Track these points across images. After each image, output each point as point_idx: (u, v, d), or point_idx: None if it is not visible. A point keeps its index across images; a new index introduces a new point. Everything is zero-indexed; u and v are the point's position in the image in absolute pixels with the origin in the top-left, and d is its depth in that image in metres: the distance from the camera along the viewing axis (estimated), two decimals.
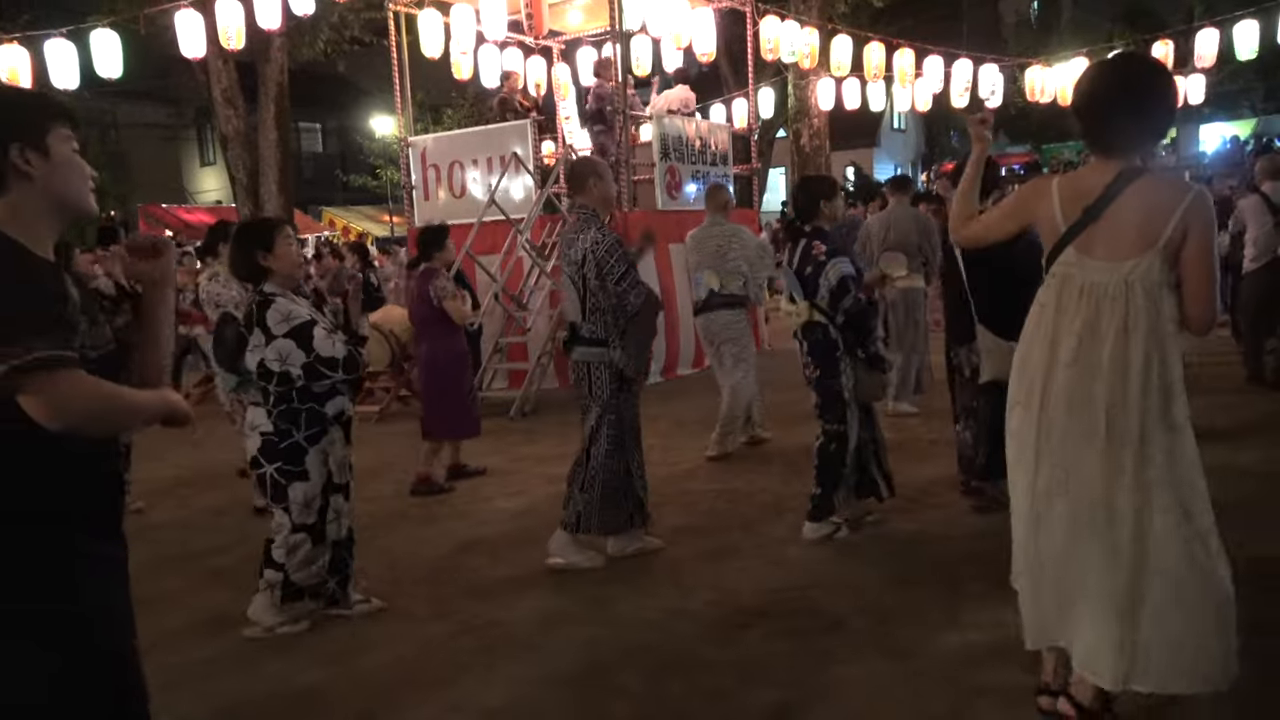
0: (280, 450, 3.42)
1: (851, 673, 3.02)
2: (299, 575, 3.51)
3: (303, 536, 3.47)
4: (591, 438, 4.01)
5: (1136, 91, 2.41)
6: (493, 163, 9.32)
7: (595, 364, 3.96)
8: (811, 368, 4.28)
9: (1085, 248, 2.42)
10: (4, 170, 1.61)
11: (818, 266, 4.18)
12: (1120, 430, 2.35)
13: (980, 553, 3.94)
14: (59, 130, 1.68)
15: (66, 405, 1.52)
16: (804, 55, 11.75)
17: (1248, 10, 11.49)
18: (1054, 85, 13.40)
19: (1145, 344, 2.34)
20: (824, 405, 4.25)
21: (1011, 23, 29.13)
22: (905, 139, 32.73)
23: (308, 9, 9.61)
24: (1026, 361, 2.56)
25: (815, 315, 4.21)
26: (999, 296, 4.21)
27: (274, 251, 3.42)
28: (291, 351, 3.29)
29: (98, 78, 9.94)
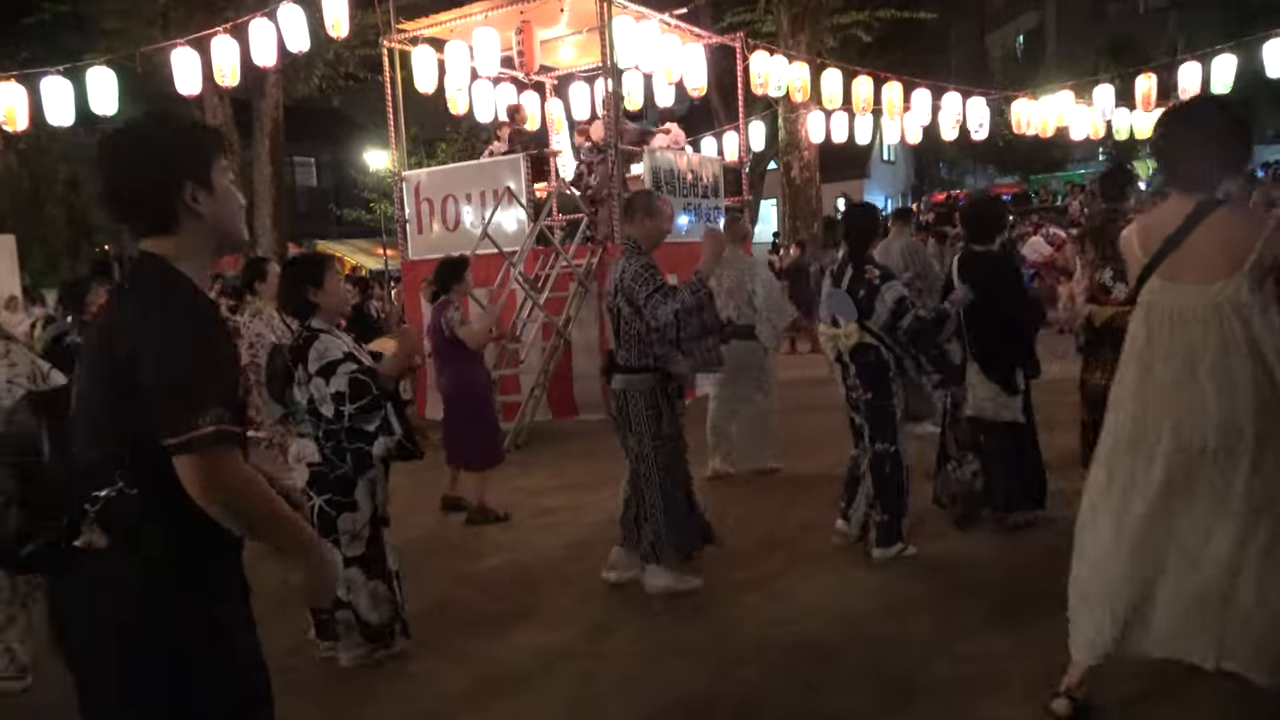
0: (330, 481, 3.44)
1: (848, 704, 3.01)
2: (371, 615, 3.50)
3: (356, 571, 3.47)
4: (639, 465, 3.99)
5: (1208, 131, 2.60)
6: (486, 196, 9.38)
7: (632, 392, 3.95)
8: (862, 390, 4.29)
9: (1171, 274, 2.58)
10: (176, 209, 1.59)
11: (872, 289, 4.21)
12: (1229, 443, 2.47)
13: (973, 584, 3.95)
14: (220, 163, 1.66)
15: (226, 485, 1.49)
16: (794, 89, 11.90)
17: (1228, 44, 11.69)
18: (1040, 117, 13.57)
19: (1250, 362, 2.47)
20: (876, 427, 4.28)
21: (998, 57, 29.60)
22: (895, 170, 33.06)
23: (303, 46, 9.72)
24: (1123, 388, 2.69)
25: (866, 337, 4.23)
26: (988, 335, 4.39)
27: (323, 287, 3.50)
28: (322, 387, 3.33)
29: (93, 115, 10.01)
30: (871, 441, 4.30)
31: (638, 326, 3.90)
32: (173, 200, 1.60)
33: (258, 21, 9.53)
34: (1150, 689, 2.90)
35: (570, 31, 10.24)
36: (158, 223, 1.61)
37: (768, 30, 14.66)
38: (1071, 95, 13.50)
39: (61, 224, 21.56)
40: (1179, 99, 12.45)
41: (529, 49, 9.86)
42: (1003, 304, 4.40)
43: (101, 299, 6.68)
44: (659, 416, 3.94)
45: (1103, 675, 2.79)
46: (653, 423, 3.94)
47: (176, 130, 1.66)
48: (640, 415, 3.95)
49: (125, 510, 1.51)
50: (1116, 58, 21.19)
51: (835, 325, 4.36)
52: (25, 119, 9.93)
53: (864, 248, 4.42)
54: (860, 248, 4.41)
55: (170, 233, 1.60)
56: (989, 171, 29.64)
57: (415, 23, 9.98)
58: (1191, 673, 2.65)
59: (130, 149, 1.64)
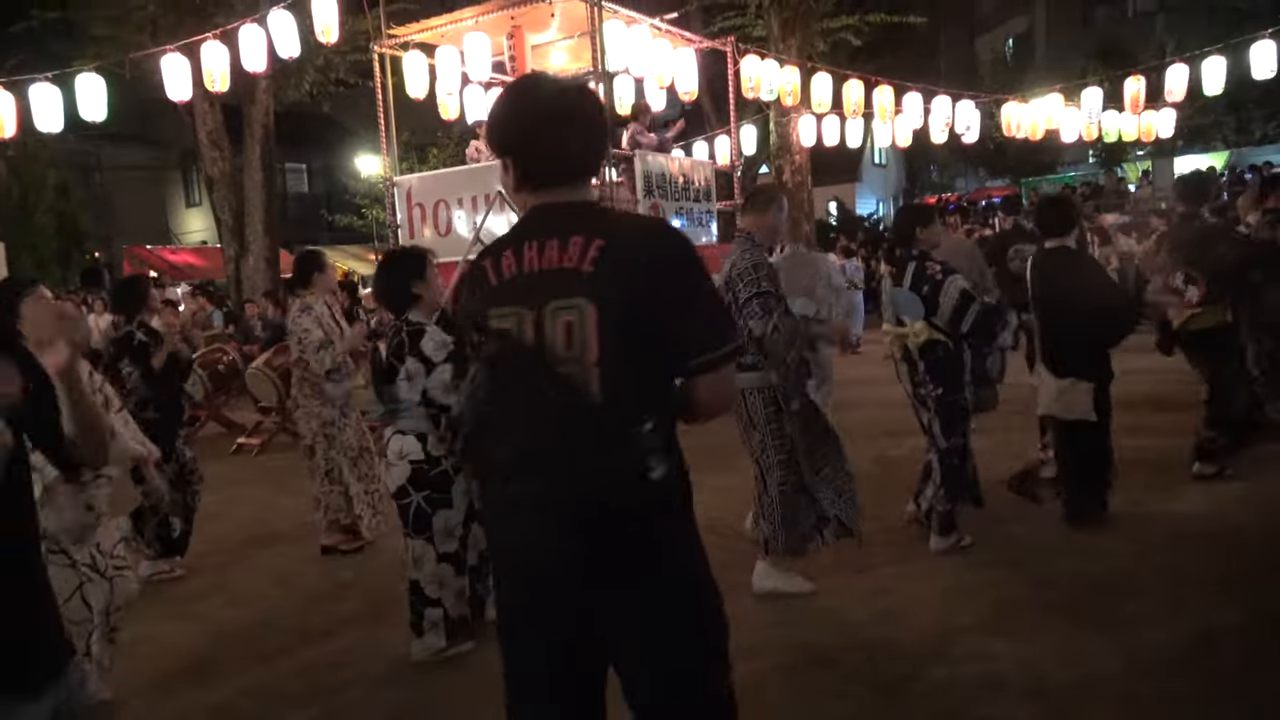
0: (430, 478, 3.47)
1: (844, 709, 3.00)
2: (455, 610, 3.56)
3: (447, 567, 3.52)
4: (761, 463, 3.98)
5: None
6: (477, 201, 9.37)
7: (749, 389, 3.88)
8: (932, 386, 4.35)
9: None
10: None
11: (935, 284, 4.25)
12: None
13: (966, 586, 3.95)
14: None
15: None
16: (785, 93, 11.93)
17: (1216, 47, 11.75)
18: (1029, 120, 13.62)
19: None
20: (947, 422, 4.35)
21: (988, 60, 29.69)
22: (886, 174, 33.15)
23: (293, 52, 9.69)
24: None
25: (934, 334, 4.27)
26: (1062, 335, 4.57)
27: (425, 279, 3.55)
28: (449, 375, 3.34)
29: (82, 121, 9.96)
30: (944, 436, 4.36)
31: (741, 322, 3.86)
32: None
33: (247, 27, 9.50)
34: None
35: (561, 36, 10.24)
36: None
37: (758, 35, 14.69)
38: (1061, 98, 13.54)
39: (51, 232, 21.49)
40: (1165, 101, 12.53)
41: (520, 54, 9.85)
42: (1080, 302, 4.39)
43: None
44: (780, 414, 3.88)
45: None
46: (774, 420, 3.87)
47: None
48: (759, 413, 3.89)
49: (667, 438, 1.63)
50: (1105, 61, 21.25)
51: (900, 324, 4.40)
52: (14, 126, 9.86)
53: (907, 245, 4.47)
54: (905, 246, 4.47)
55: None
56: (980, 174, 29.74)
57: (406, 28, 9.96)
58: None
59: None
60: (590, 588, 1.63)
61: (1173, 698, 2.89)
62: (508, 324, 1.64)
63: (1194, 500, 4.88)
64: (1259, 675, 3.00)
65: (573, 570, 1.61)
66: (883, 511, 5.06)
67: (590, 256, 1.59)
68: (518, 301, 1.64)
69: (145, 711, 3.39)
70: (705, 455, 6.27)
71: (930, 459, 4.51)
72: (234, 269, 14.55)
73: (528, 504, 1.60)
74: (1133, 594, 3.72)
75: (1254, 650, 3.17)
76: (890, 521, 4.89)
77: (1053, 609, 3.64)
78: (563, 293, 1.60)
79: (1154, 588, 3.77)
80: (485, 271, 1.71)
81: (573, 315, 1.58)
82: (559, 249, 1.62)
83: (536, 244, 1.65)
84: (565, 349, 1.59)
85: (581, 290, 1.58)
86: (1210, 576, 3.78)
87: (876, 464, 6.15)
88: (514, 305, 1.64)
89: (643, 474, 1.57)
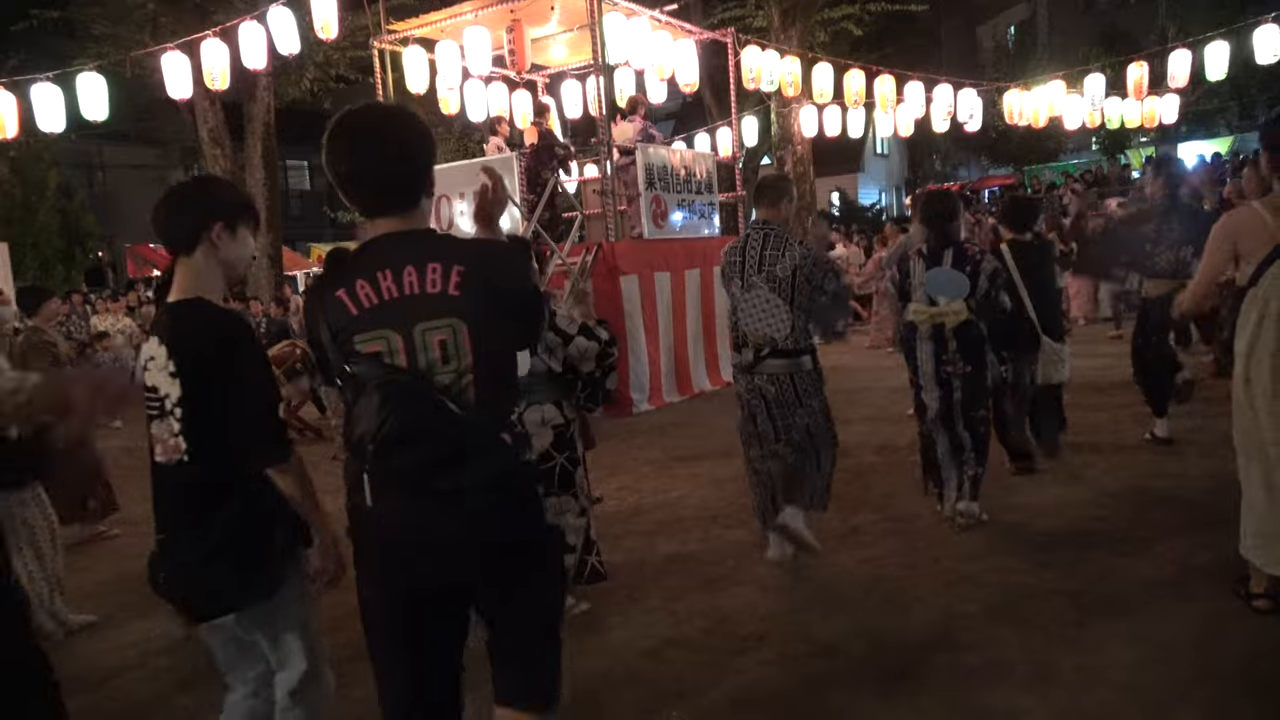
0: (568, 440, 3.72)
1: (848, 698, 3.01)
2: (595, 559, 3.83)
3: (582, 519, 3.79)
4: (813, 431, 4.15)
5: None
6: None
7: (800, 373, 4.14)
8: (963, 364, 4.52)
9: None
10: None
11: (975, 264, 4.48)
12: None
13: (971, 573, 3.95)
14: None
15: None
16: (786, 84, 11.90)
17: (1219, 32, 11.70)
18: (1032, 108, 13.59)
19: None
20: (973, 396, 4.56)
21: (989, 48, 29.56)
22: (888, 163, 33.07)
23: (293, 49, 9.70)
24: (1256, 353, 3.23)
25: (967, 313, 4.49)
26: (1049, 308, 5.37)
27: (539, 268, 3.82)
28: (587, 346, 3.58)
29: (84, 120, 9.99)
30: (969, 410, 4.56)
31: (809, 304, 4.10)
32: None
33: (247, 25, 9.51)
34: None
35: (561, 29, 10.23)
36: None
37: (759, 25, 14.66)
38: (1063, 85, 13.51)
39: (55, 231, 21.50)
40: (1168, 87, 12.49)
41: (520, 48, 9.85)
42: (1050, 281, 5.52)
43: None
44: (823, 385, 4.25)
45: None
46: (821, 391, 4.22)
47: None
48: (809, 390, 4.15)
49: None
50: (1108, 47, 21.19)
51: (932, 304, 4.52)
52: (15, 126, 9.90)
53: (948, 228, 4.63)
54: (945, 229, 4.62)
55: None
56: (982, 163, 29.66)
57: (405, 23, 9.97)
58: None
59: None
60: (475, 566, 1.89)
61: (1181, 685, 2.90)
62: (377, 346, 1.79)
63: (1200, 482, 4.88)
64: (1268, 662, 3.01)
65: (459, 552, 1.86)
66: (886, 501, 5.07)
67: (454, 281, 1.78)
68: (384, 325, 1.79)
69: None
70: (705, 449, 6.25)
71: (938, 441, 4.62)
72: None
73: (413, 488, 1.81)
74: (1140, 580, 3.73)
75: (1262, 636, 3.18)
76: (894, 511, 4.91)
77: (1059, 596, 3.64)
78: (431, 315, 1.78)
79: (1162, 574, 3.77)
80: (342, 301, 1.81)
81: (445, 334, 1.78)
82: (418, 276, 1.79)
83: (391, 272, 1.80)
84: (442, 364, 1.79)
85: (452, 311, 1.78)
86: (1221, 561, 3.78)
87: (879, 454, 6.15)
88: (380, 329, 1.79)
89: (518, 459, 1.95)
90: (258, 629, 2.21)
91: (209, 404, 2.06)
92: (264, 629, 2.21)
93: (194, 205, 2.20)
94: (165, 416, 2.11)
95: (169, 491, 2.17)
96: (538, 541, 1.96)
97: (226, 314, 2.19)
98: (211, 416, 2.06)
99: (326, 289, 1.83)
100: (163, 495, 2.19)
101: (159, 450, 2.14)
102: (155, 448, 2.16)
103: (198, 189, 2.36)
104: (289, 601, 2.21)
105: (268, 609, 2.18)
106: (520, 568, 1.90)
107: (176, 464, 2.10)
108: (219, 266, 2.19)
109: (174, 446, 2.10)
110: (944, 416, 4.56)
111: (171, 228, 2.20)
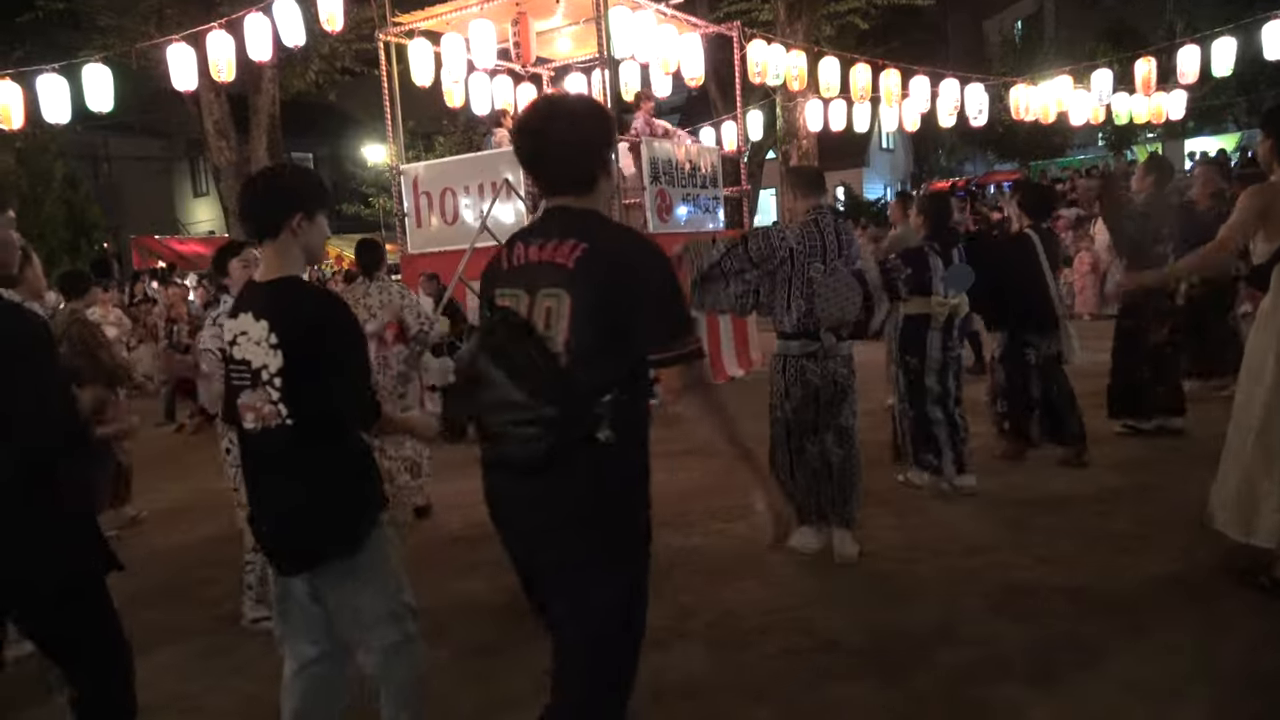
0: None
1: (850, 692, 3.02)
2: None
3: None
4: (848, 433, 4.22)
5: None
6: (484, 189, 9.37)
7: (848, 355, 4.22)
8: (959, 347, 5.14)
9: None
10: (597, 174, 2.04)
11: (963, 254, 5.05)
12: None
13: (973, 569, 3.96)
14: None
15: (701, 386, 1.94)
16: (791, 78, 11.87)
17: (1227, 27, 11.64)
18: (1039, 103, 13.52)
19: None
20: (958, 376, 5.10)
21: (996, 43, 29.44)
22: (894, 158, 32.97)
23: (298, 41, 9.69)
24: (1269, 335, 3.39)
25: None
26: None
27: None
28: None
29: (90, 112, 9.99)
30: (957, 388, 5.05)
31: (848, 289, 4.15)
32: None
33: (253, 16, 9.50)
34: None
35: (567, 22, 10.20)
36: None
37: (764, 19, 14.60)
38: (1070, 80, 13.44)
39: (60, 222, 21.53)
40: (1176, 83, 12.43)
41: (525, 40, 9.82)
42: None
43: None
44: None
45: None
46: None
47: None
48: (850, 382, 4.22)
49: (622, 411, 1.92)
50: (1115, 42, 21.07)
51: (945, 296, 4.94)
52: (21, 117, 9.90)
53: (952, 225, 5.27)
54: (950, 226, 5.20)
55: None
56: (988, 158, 29.55)
57: (411, 16, 9.95)
58: None
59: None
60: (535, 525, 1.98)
61: (1183, 682, 2.90)
62: (508, 301, 2.00)
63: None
64: (1271, 659, 3.01)
65: (524, 508, 1.99)
66: (888, 495, 5.08)
67: (575, 256, 1.92)
68: (518, 284, 2.00)
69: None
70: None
71: (935, 421, 4.99)
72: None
73: (502, 445, 1.95)
74: (1142, 577, 3.73)
75: (1264, 633, 3.18)
76: (895, 504, 4.91)
77: (1061, 592, 3.65)
78: (550, 282, 1.94)
79: (1164, 571, 3.77)
80: (501, 258, 2.08)
81: (552, 302, 1.93)
82: (553, 247, 1.96)
83: (539, 241, 2.00)
84: (545, 329, 1.93)
85: (563, 283, 1.92)
86: (1223, 558, 3.78)
87: (880, 449, 6.14)
88: (515, 287, 2.00)
89: (590, 435, 1.88)
90: (341, 584, 2.33)
91: (310, 373, 2.23)
92: (345, 585, 2.33)
93: (276, 197, 2.33)
94: (260, 386, 2.26)
95: (263, 455, 2.31)
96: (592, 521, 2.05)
97: (324, 291, 2.45)
98: (312, 384, 2.24)
99: (499, 249, 2.12)
100: (258, 459, 2.34)
101: (250, 418, 2.29)
102: (245, 416, 2.29)
103: (278, 180, 2.44)
104: (374, 559, 2.35)
105: (352, 565, 2.31)
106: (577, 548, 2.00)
107: (274, 428, 2.26)
108: (301, 251, 2.34)
109: (270, 413, 2.25)
110: (942, 398, 4.96)
111: (255, 217, 2.34)
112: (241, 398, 2.30)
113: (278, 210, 2.30)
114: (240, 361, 2.29)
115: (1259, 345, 3.50)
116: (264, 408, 2.26)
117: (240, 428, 2.34)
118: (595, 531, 1.93)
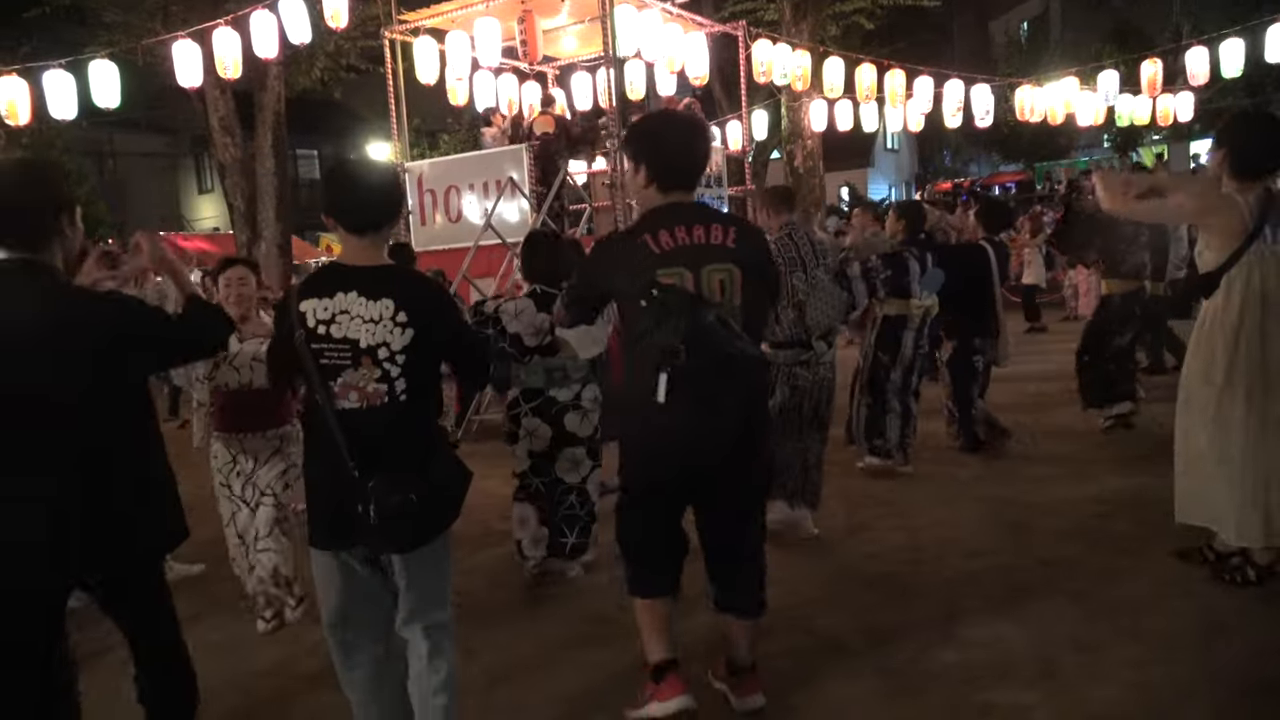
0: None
1: (850, 692, 3.02)
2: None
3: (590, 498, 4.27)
4: (827, 426, 4.55)
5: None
6: (489, 187, 9.37)
7: (832, 360, 4.48)
8: (927, 346, 5.64)
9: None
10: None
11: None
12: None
13: (975, 571, 3.96)
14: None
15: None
16: (796, 78, 11.84)
17: (1234, 29, 11.60)
18: (1044, 104, 13.49)
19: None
20: (922, 374, 5.64)
21: (1002, 44, 29.39)
22: (899, 159, 32.95)
23: (304, 38, 9.70)
24: (1221, 337, 3.40)
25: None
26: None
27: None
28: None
29: (95, 108, 10.00)
30: (917, 383, 5.57)
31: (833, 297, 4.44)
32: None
33: (259, 13, 9.50)
34: None
35: (572, 21, 10.20)
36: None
37: (770, 19, 14.58)
38: (1076, 81, 13.40)
39: None
40: (1184, 85, 12.39)
41: (531, 39, 9.82)
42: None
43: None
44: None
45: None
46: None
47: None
48: (834, 383, 4.53)
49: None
50: (1122, 43, 21.03)
51: (920, 298, 5.39)
52: (27, 113, 9.91)
53: (926, 232, 5.80)
54: (925, 233, 5.75)
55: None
56: (993, 159, 29.51)
57: (416, 13, 9.95)
58: None
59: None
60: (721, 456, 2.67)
61: (1185, 684, 2.90)
62: (672, 279, 2.54)
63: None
64: (1273, 662, 3.01)
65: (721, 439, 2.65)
66: (890, 496, 5.08)
67: (732, 237, 2.64)
68: (679, 264, 2.56)
69: None
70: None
71: (892, 410, 5.45)
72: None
73: (689, 398, 2.49)
74: (1144, 579, 3.73)
75: (1267, 635, 3.17)
76: (898, 506, 4.91)
77: (1062, 594, 3.64)
78: (716, 260, 2.59)
79: (1165, 573, 3.77)
80: (646, 244, 2.59)
81: (724, 275, 2.60)
82: (706, 231, 2.60)
83: (684, 228, 2.60)
84: (720, 296, 2.57)
85: (730, 259, 2.61)
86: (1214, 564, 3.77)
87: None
88: (677, 266, 2.56)
89: (761, 370, 2.77)
90: (424, 561, 2.41)
91: (436, 347, 2.44)
92: (427, 562, 2.43)
93: (397, 199, 2.55)
94: (366, 365, 2.33)
95: (366, 434, 2.33)
96: (766, 437, 2.87)
97: (433, 278, 2.88)
98: (434, 358, 2.47)
99: (626, 239, 2.70)
100: (361, 438, 2.33)
101: (352, 397, 2.35)
102: (347, 395, 2.35)
103: (397, 184, 2.71)
104: (448, 539, 2.49)
105: (433, 548, 2.42)
106: (748, 457, 2.70)
107: (380, 406, 2.35)
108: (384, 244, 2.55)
109: (376, 392, 2.35)
110: (902, 391, 5.44)
111: (373, 213, 2.46)
112: (342, 377, 2.35)
113: (394, 213, 2.52)
114: (340, 340, 2.33)
115: (1206, 345, 3.48)
116: (368, 386, 2.34)
117: (334, 409, 2.34)
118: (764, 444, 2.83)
